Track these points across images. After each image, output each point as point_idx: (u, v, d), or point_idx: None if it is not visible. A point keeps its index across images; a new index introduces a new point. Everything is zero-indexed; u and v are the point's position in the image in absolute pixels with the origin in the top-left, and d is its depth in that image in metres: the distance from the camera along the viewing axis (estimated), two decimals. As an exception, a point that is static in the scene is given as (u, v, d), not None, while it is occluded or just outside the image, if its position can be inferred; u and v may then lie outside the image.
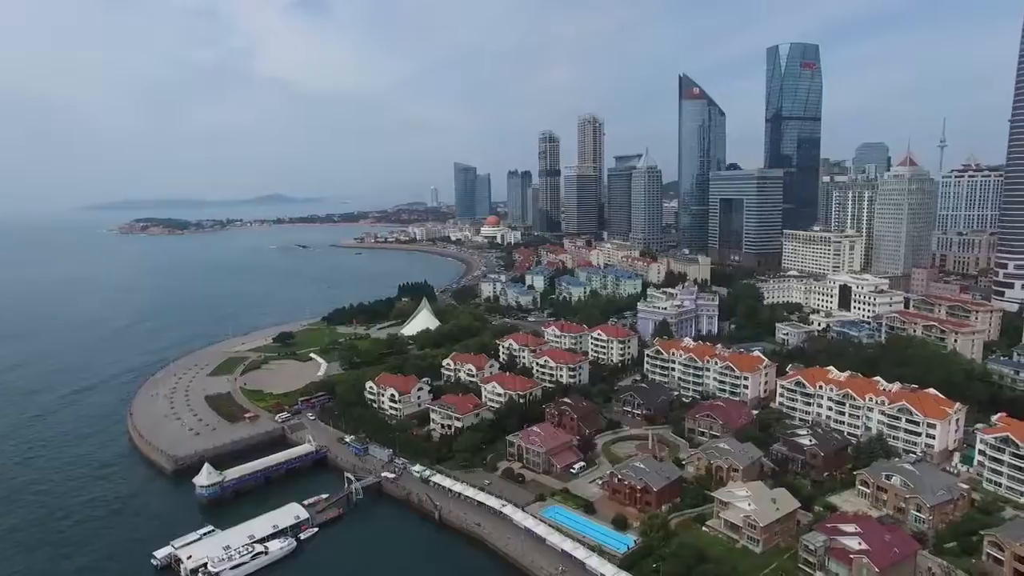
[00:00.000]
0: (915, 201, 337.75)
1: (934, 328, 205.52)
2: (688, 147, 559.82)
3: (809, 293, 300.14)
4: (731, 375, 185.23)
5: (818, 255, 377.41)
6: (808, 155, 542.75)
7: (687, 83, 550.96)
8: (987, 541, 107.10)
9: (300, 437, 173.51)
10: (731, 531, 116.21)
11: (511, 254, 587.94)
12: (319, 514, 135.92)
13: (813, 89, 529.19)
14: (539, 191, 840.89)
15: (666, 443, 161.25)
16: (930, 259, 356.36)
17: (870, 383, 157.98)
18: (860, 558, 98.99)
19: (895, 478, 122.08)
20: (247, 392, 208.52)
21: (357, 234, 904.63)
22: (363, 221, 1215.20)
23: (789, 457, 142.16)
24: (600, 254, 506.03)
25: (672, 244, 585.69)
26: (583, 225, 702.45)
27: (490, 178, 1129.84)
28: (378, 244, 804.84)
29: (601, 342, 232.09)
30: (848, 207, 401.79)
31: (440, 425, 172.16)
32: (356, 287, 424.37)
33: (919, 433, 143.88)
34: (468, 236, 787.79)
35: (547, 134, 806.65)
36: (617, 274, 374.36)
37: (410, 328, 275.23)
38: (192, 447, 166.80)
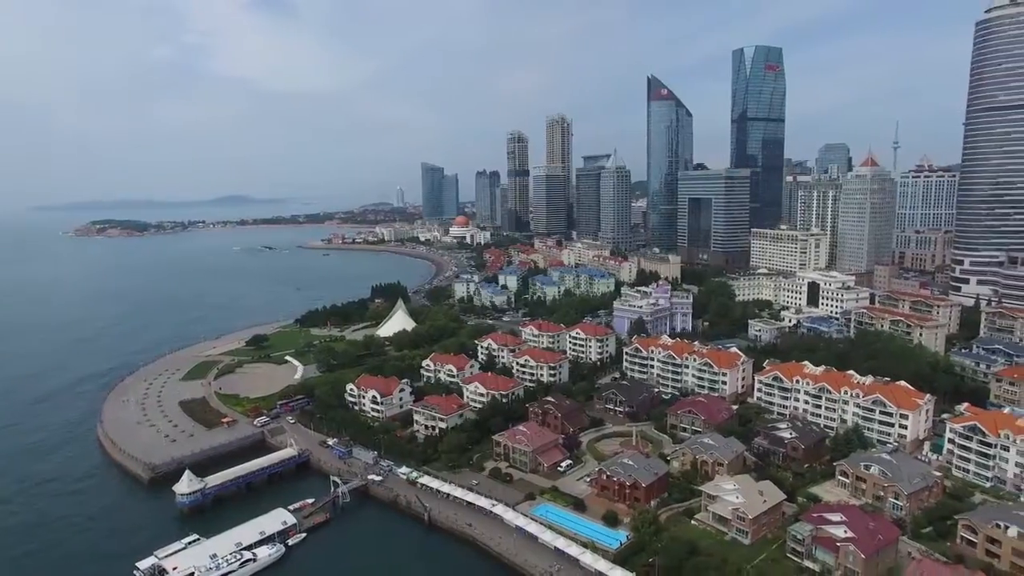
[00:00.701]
0: (877, 200, 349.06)
1: (900, 323, 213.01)
2: (657, 147, 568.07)
3: (779, 290, 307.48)
4: (710, 371, 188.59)
5: (785, 253, 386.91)
6: (772, 155, 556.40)
7: (655, 84, 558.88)
8: (961, 525, 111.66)
9: (281, 441, 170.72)
10: (720, 524, 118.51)
11: (481, 254, 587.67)
12: (306, 519, 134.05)
13: (777, 91, 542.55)
14: (508, 191, 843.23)
15: (649, 439, 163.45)
16: (891, 256, 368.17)
17: (845, 377, 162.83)
18: (847, 545, 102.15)
19: (874, 468, 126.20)
20: (223, 397, 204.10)
21: (324, 235, 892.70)
22: (329, 222, 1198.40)
23: (770, 450, 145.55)
24: (571, 253, 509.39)
25: (641, 243, 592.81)
26: (552, 225, 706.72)
27: (457, 178, 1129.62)
28: (346, 245, 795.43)
29: (579, 341, 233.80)
30: (813, 206, 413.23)
31: (424, 426, 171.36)
32: (326, 288, 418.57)
33: (892, 424, 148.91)
34: (437, 236, 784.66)
35: (515, 134, 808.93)
36: (590, 273, 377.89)
37: (386, 329, 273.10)
38: (169, 454, 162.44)
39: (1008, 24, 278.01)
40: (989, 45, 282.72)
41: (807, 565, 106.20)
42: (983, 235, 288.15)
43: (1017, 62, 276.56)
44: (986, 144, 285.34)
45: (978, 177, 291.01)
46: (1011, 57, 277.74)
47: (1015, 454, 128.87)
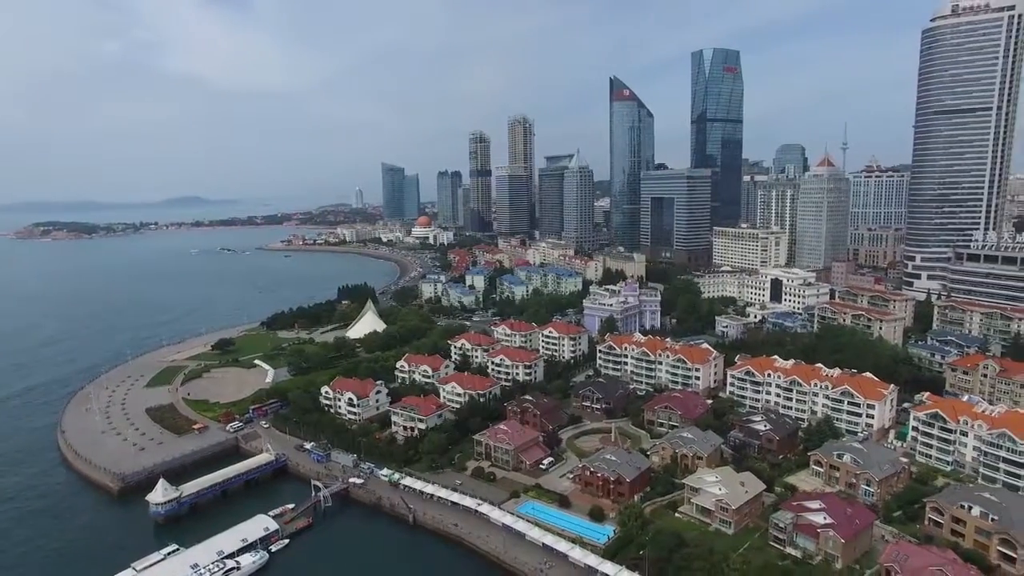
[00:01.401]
0: (833, 199, 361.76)
1: (861, 317, 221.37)
2: (619, 147, 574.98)
3: (742, 287, 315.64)
4: (683, 367, 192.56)
5: (747, 251, 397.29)
6: (731, 155, 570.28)
7: (618, 85, 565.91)
8: (928, 507, 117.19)
9: (255, 447, 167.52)
10: (703, 515, 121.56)
11: (446, 254, 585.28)
12: (287, 524, 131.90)
13: (735, 92, 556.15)
14: (470, 191, 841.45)
15: (627, 435, 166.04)
16: (847, 253, 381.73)
17: (814, 370, 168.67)
18: (827, 531, 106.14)
19: (846, 456, 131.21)
20: (191, 403, 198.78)
21: (283, 236, 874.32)
22: (287, 223, 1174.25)
23: (746, 442, 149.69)
24: (536, 253, 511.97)
25: (604, 242, 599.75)
26: (515, 225, 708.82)
27: (418, 179, 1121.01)
28: (307, 246, 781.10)
29: (552, 339, 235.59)
30: (772, 205, 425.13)
31: (403, 427, 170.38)
32: (290, 290, 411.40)
33: (860, 414, 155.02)
34: (399, 237, 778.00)
35: (477, 134, 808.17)
36: (557, 272, 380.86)
37: (356, 331, 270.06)
38: (139, 463, 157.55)
39: (950, 33, 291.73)
40: (935, 52, 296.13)
41: (789, 552, 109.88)
42: (932, 232, 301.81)
43: (961, 68, 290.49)
44: (934, 146, 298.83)
45: (927, 177, 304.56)
46: (955, 64, 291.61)
47: (973, 439, 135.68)
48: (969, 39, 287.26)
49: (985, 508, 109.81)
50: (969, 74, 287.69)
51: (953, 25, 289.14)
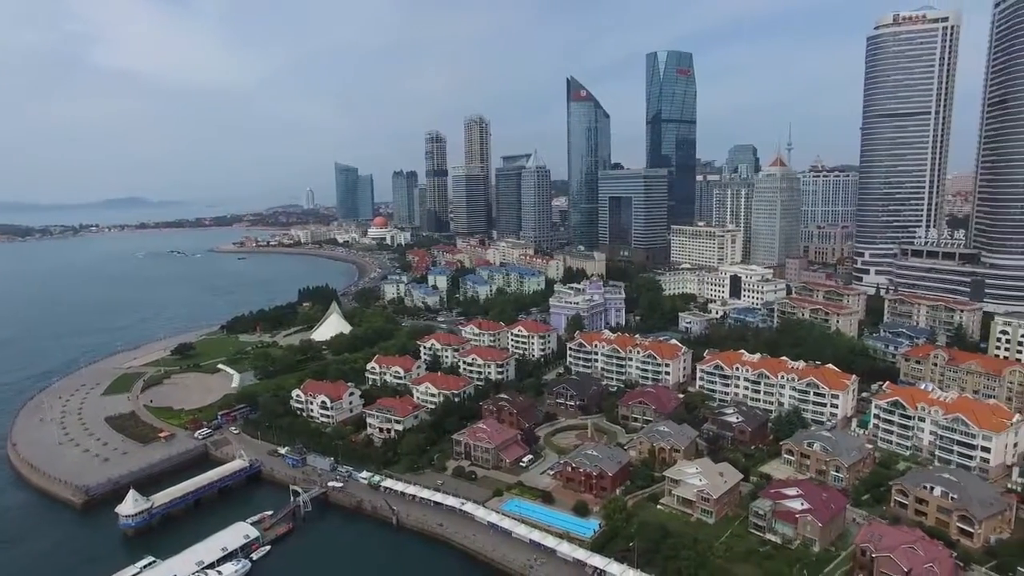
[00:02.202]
0: (786, 198, 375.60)
1: (819, 311, 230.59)
2: (577, 147, 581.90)
3: (702, 284, 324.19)
4: (653, 363, 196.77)
5: (704, 248, 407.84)
6: (685, 155, 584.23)
7: (575, 85, 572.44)
8: (894, 490, 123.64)
9: (226, 453, 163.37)
10: (684, 506, 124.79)
11: (404, 255, 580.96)
12: (268, 531, 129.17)
13: (688, 94, 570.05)
14: (426, 191, 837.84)
15: (603, 431, 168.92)
16: (799, 250, 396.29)
17: (780, 362, 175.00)
18: (805, 516, 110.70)
19: (816, 444, 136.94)
20: (154, 410, 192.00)
21: (234, 238, 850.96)
22: (237, 224, 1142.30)
23: (719, 434, 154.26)
24: (496, 252, 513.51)
25: (563, 241, 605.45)
26: (472, 225, 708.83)
27: (372, 179, 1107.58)
28: (260, 248, 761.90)
29: (522, 338, 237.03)
30: (727, 204, 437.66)
31: (379, 429, 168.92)
32: (247, 293, 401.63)
33: (825, 404, 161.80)
34: (355, 238, 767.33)
35: (434, 134, 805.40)
36: (520, 272, 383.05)
37: (321, 333, 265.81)
38: (104, 475, 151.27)
39: (892, 41, 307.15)
40: (878, 58, 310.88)
41: (769, 538, 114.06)
42: (879, 230, 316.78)
43: (902, 75, 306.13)
44: (879, 147, 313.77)
45: (873, 177, 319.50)
46: (897, 70, 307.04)
47: (929, 424, 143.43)
48: (909, 47, 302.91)
49: (945, 488, 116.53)
50: (909, 80, 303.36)
51: (894, 33, 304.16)
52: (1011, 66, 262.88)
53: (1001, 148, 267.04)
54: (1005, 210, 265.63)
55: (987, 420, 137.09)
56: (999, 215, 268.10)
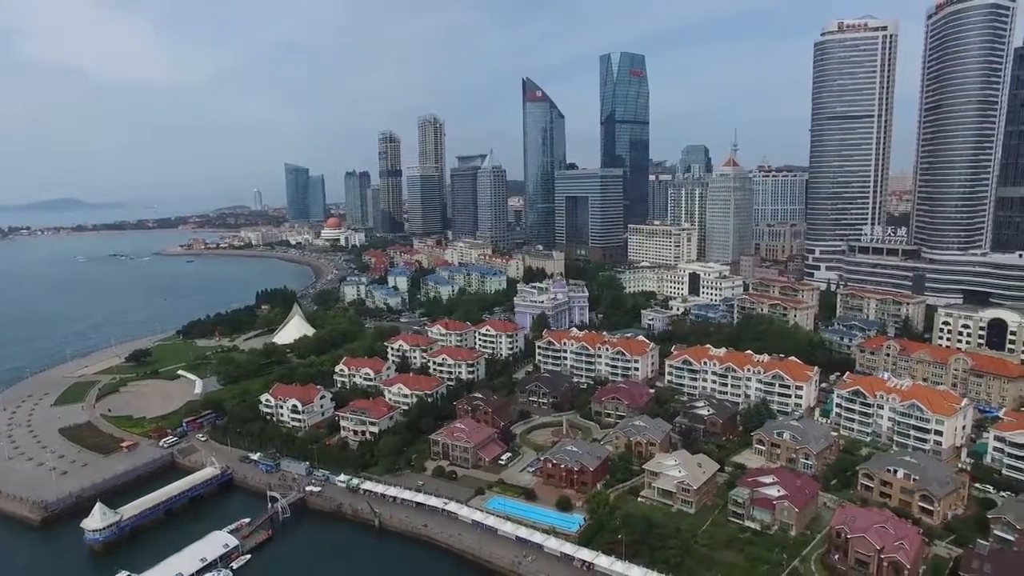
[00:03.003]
0: (739, 197, 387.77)
1: (778, 307, 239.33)
2: (533, 147, 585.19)
3: (662, 281, 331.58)
4: (622, 359, 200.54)
5: (660, 247, 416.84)
6: (639, 156, 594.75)
7: (530, 86, 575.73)
8: (860, 474, 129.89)
9: (194, 461, 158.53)
10: (664, 497, 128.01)
11: (360, 256, 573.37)
12: (246, 539, 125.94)
13: (641, 95, 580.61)
14: (380, 192, 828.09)
15: (577, 427, 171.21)
16: (752, 248, 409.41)
17: (746, 356, 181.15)
18: (782, 502, 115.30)
19: (786, 433, 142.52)
20: (113, 419, 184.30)
21: (181, 240, 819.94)
22: (183, 227, 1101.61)
23: (691, 427, 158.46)
24: (455, 253, 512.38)
25: (519, 241, 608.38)
26: (428, 225, 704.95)
27: (323, 179, 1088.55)
28: (210, 250, 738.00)
29: (490, 337, 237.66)
30: (682, 203, 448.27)
31: (353, 432, 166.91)
32: (200, 297, 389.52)
33: (790, 395, 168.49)
34: (308, 239, 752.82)
35: (387, 134, 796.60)
36: (482, 271, 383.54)
37: (283, 336, 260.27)
38: (64, 489, 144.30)
39: (838, 47, 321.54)
40: (825, 63, 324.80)
41: (748, 525, 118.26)
42: (829, 228, 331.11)
43: (847, 79, 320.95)
44: (828, 149, 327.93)
45: (823, 177, 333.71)
46: (842, 75, 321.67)
47: (888, 411, 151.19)
48: (853, 53, 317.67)
49: (907, 470, 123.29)
50: (854, 84, 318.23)
51: (840, 40, 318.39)
52: (944, 74, 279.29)
53: (937, 151, 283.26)
54: (942, 209, 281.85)
55: (939, 405, 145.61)
56: (937, 213, 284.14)
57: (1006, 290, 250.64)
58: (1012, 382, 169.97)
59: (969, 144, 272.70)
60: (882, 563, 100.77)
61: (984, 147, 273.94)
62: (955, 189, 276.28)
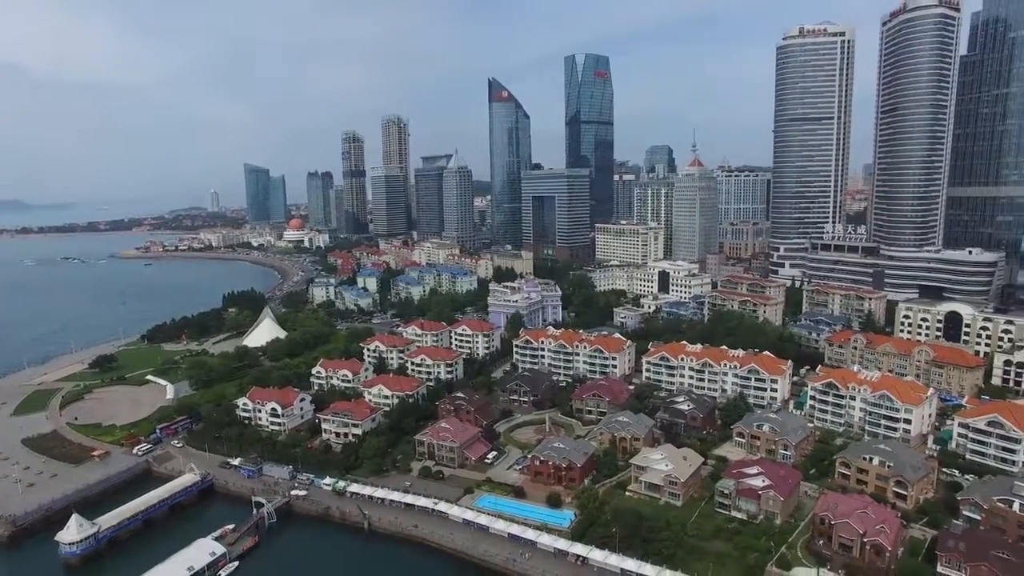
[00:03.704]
0: (704, 197, 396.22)
1: (747, 303, 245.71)
2: (499, 148, 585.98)
3: (632, 280, 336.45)
4: (600, 356, 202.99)
5: (628, 246, 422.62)
6: (604, 156, 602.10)
7: (496, 86, 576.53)
8: (837, 463, 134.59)
9: (171, 468, 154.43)
10: (652, 491, 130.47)
11: (325, 257, 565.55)
12: (233, 546, 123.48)
13: (605, 96, 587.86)
14: (343, 193, 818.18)
15: (560, 424, 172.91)
16: (717, 246, 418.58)
17: (721, 352, 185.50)
18: (767, 492, 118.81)
19: (765, 426, 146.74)
20: (80, 428, 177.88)
21: (136, 243, 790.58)
22: (137, 229, 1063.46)
23: (672, 422, 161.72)
24: (422, 253, 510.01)
25: (486, 241, 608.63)
26: (393, 226, 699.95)
27: (284, 180, 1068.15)
28: (168, 253, 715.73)
29: (466, 337, 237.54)
30: (648, 202, 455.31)
31: (335, 434, 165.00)
32: (161, 300, 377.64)
33: (765, 388, 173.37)
34: (271, 241, 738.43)
35: (350, 134, 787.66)
36: (452, 272, 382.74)
37: (254, 339, 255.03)
38: (32, 501, 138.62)
39: (799, 51, 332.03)
40: (787, 67, 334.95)
41: (734, 515, 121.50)
42: (792, 226, 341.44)
43: (808, 82, 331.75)
44: (790, 149, 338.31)
45: (786, 177, 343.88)
46: (803, 78, 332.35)
47: (859, 402, 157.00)
48: (813, 57, 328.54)
49: (882, 457, 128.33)
50: (815, 87, 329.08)
51: (801, 44, 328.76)
52: (898, 78, 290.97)
53: (894, 152, 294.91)
54: (899, 208, 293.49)
55: (908, 395, 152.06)
56: (894, 212, 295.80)
57: (957, 284, 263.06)
58: (970, 371, 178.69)
59: (922, 146, 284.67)
60: (865, 546, 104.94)
61: (936, 149, 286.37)
62: (910, 189, 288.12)
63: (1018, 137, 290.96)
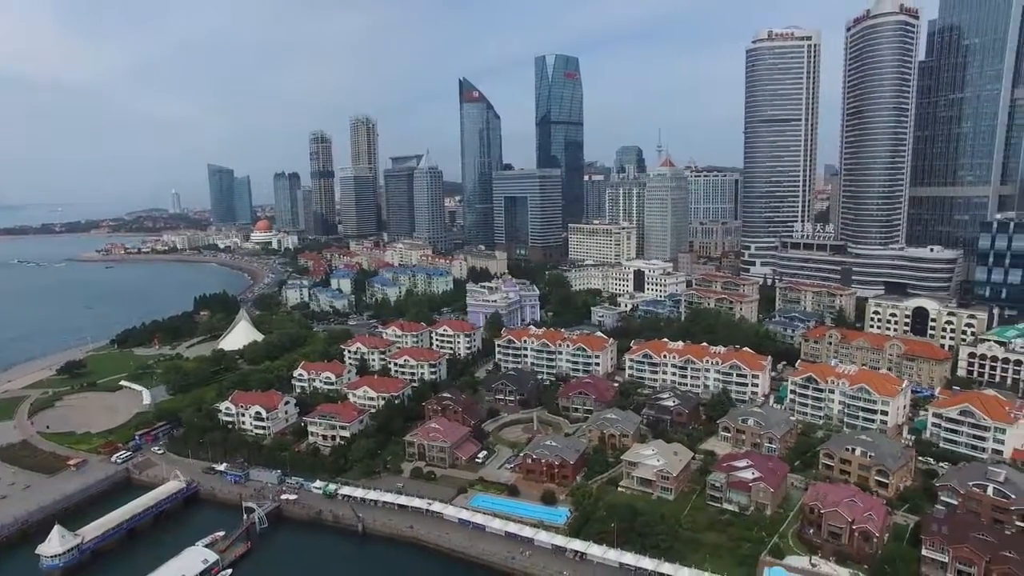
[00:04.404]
0: (676, 196, 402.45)
1: (724, 301, 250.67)
2: (470, 148, 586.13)
3: (607, 279, 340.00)
4: (583, 355, 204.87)
5: (601, 245, 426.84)
6: (574, 156, 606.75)
7: (467, 87, 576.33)
8: (821, 454, 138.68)
9: (153, 476, 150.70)
10: (644, 486, 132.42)
11: (295, 259, 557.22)
12: (225, 553, 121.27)
13: (575, 97, 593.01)
14: (312, 193, 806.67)
15: (547, 423, 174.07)
16: (688, 246, 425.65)
17: (703, 348, 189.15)
18: (758, 483, 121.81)
19: (750, 420, 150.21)
20: (52, 436, 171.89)
21: (95, 245, 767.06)
22: (95, 231, 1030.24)
23: (658, 418, 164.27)
24: (395, 254, 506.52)
25: (457, 242, 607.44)
26: (362, 227, 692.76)
27: (250, 181, 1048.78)
28: (131, 255, 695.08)
29: (447, 337, 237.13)
30: (620, 202, 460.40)
31: (322, 436, 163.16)
32: (126, 304, 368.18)
33: (747, 384, 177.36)
34: (238, 243, 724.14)
35: (318, 135, 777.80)
36: (428, 272, 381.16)
37: (229, 342, 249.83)
38: (7, 514, 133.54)
39: (768, 54, 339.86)
40: (757, 69, 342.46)
41: (725, 507, 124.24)
42: (763, 225, 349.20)
43: (777, 85, 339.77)
44: (761, 150, 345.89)
45: (757, 177, 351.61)
46: (772, 81, 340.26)
47: (838, 395, 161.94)
48: (781, 60, 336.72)
49: (864, 448, 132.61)
50: (784, 89, 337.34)
51: (769, 47, 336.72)
52: (864, 82, 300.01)
53: (860, 152, 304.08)
54: (865, 207, 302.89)
55: (884, 388, 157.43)
56: (860, 211, 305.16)
57: (920, 281, 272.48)
58: (939, 364, 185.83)
59: (887, 148, 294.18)
60: (853, 533, 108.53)
61: (899, 151, 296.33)
62: (875, 189, 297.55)
63: (972, 140, 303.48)
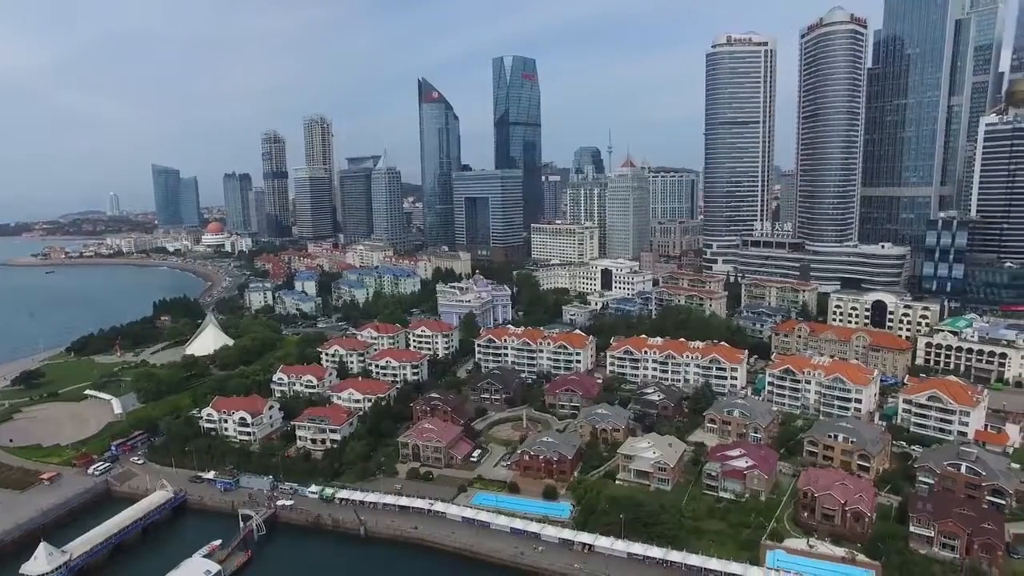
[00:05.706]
0: (637, 196, 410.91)
1: (694, 298, 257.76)
2: (429, 149, 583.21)
3: (574, 278, 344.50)
4: (565, 352, 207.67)
5: (564, 245, 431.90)
6: (531, 157, 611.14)
7: (426, 87, 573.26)
8: (805, 441, 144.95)
9: (135, 487, 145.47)
10: (641, 478, 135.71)
11: (252, 262, 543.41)
12: (225, 562, 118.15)
13: (533, 98, 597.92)
14: (264, 195, 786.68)
15: (536, 420, 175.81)
16: (649, 244, 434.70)
17: (682, 344, 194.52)
18: (752, 471, 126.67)
19: (736, 411, 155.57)
20: (17, 450, 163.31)
21: (30, 249, 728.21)
22: (27, 234, 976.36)
23: (645, 412, 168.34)
24: (356, 255, 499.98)
25: (417, 243, 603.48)
26: (318, 229, 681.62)
27: (197, 181, 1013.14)
28: (72, 260, 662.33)
29: (425, 337, 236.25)
30: (581, 202, 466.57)
31: (311, 440, 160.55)
32: (73, 311, 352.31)
33: (726, 377, 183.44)
34: (188, 246, 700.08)
35: (271, 134, 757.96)
36: (395, 273, 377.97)
37: (197, 347, 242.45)
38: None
39: (727, 58, 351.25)
40: (717, 73, 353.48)
41: (721, 495, 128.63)
42: (724, 224, 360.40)
43: (736, 88, 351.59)
44: (721, 151, 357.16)
45: (718, 178, 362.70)
46: (731, 84, 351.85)
47: (814, 385, 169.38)
48: (740, 64, 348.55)
49: (846, 434, 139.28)
50: (742, 93, 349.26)
51: (729, 52, 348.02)
52: (818, 87, 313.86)
53: (815, 154, 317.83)
54: (821, 206, 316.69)
55: (857, 377, 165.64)
56: (816, 210, 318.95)
57: (873, 276, 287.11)
58: (902, 354, 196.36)
59: (840, 150, 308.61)
60: (846, 514, 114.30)
61: (852, 152, 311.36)
62: (830, 189, 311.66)
63: (916, 143, 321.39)
